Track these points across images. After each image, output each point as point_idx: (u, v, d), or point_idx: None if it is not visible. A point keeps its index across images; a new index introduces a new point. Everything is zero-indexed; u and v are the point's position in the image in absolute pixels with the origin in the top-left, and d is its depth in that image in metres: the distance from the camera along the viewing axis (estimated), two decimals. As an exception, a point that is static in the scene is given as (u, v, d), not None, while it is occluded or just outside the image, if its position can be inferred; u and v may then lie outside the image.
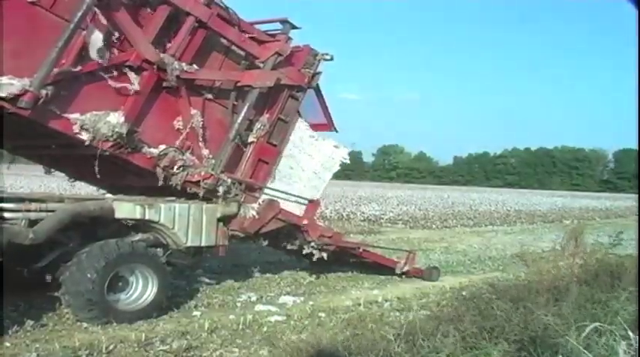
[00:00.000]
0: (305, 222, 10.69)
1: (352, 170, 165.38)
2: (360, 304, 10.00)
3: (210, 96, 9.49)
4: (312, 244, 10.87)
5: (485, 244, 20.30)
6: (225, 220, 9.73)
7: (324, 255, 11.05)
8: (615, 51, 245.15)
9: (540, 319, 6.72)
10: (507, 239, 22.28)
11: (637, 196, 31.22)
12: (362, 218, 26.32)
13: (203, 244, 9.44)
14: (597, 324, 5.84)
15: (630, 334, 5.41)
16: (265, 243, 10.76)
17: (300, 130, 10.70)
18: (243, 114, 9.62)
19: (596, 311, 7.63)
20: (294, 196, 10.54)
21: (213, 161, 9.41)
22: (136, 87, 8.54)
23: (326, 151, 11.06)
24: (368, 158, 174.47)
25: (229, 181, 9.54)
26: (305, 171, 10.96)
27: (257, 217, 9.94)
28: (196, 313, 9.00)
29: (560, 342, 5.56)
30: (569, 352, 5.19)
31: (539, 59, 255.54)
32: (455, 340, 5.93)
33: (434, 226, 26.48)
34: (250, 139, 9.92)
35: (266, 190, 10.16)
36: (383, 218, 27.33)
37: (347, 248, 11.68)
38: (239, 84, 9.68)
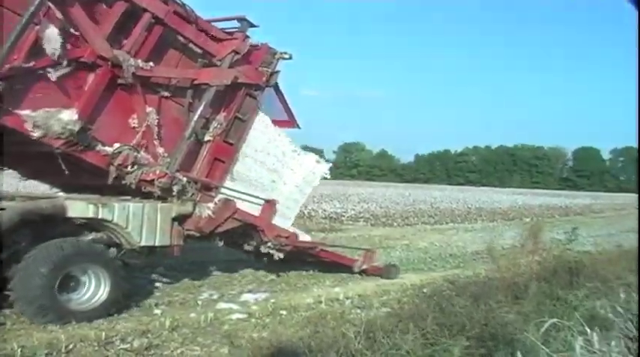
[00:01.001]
0: (261, 222, 10.66)
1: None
2: (321, 302, 10.05)
3: (166, 94, 9.42)
4: (269, 244, 10.84)
5: (446, 242, 20.47)
6: (181, 219, 9.62)
7: (281, 255, 11.04)
8: (576, 49, 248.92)
9: (500, 315, 6.86)
10: (468, 237, 22.53)
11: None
12: (323, 216, 26.37)
13: (157, 243, 9.30)
14: (555, 320, 5.96)
15: (587, 329, 5.54)
16: (221, 243, 10.68)
17: (283, 143, 11.03)
18: (199, 112, 9.59)
19: (554, 307, 7.81)
20: (251, 196, 10.51)
21: (169, 160, 9.32)
22: (90, 84, 8.43)
23: (308, 166, 11.46)
24: (329, 156, 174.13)
25: (184, 180, 9.47)
26: (287, 185, 11.19)
27: (213, 216, 9.87)
28: (157, 311, 8.96)
29: (519, 338, 5.67)
30: (528, 348, 5.30)
31: (499, 58, 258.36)
32: (415, 337, 6.00)
33: (395, 223, 26.64)
34: (206, 137, 9.89)
35: (222, 190, 10.14)
36: (344, 216, 27.42)
37: (304, 248, 11.66)
38: (196, 82, 9.65)
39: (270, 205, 10.76)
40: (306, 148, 12.15)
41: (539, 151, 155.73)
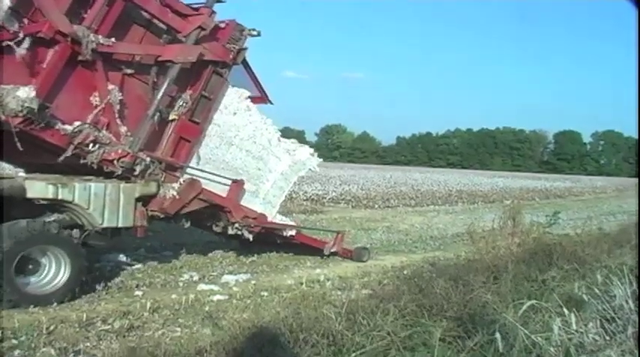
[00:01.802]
0: (228, 203, 10.56)
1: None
2: (302, 283, 10.13)
3: (129, 71, 9.21)
4: (236, 225, 10.74)
5: (427, 224, 20.62)
6: (144, 200, 9.48)
7: (250, 236, 11.00)
8: (558, 34, 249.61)
9: (479, 297, 6.95)
10: (449, 219, 22.68)
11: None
12: (304, 198, 26.39)
13: (120, 225, 9.11)
14: (534, 301, 6.07)
15: (565, 310, 5.65)
16: (188, 224, 10.58)
17: (268, 131, 11.10)
18: (163, 90, 9.39)
19: (532, 289, 7.93)
20: (218, 176, 10.41)
21: (132, 139, 9.14)
22: (49, 60, 8.22)
23: (301, 157, 11.65)
24: (311, 138, 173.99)
25: (148, 159, 9.32)
26: (272, 172, 11.25)
27: (177, 197, 9.75)
28: (138, 292, 8.98)
29: (498, 319, 5.75)
30: (507, 329, 5.38)
31: (482, 43, 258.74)
32: (395, 318, 6.06)
33: (376, 205, 26.74)
34: (171, 116, 9.72)
35: (188, 170, 10.04)
36: (325, 198, 27.49)
37: (273, 230, 11.57)
38: (160, 59, 9.45)
39: (237, 185, 10.64)
40: (287, 130, 12.27)
41: (521, 134, 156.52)
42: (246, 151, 10.86)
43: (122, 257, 10.77)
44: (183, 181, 9.90)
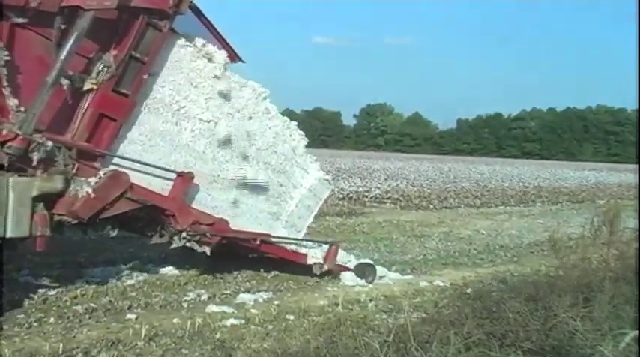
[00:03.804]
0: (170, 204, 10.00)
1: (329, 136, 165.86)
2: (338, 304, 10.08)
3: (21, 20, 8.44)
4: (184, 234, 10.23)
5: (496, 230, 20.53)
6: (47, 200, 8.67)
7: (206, 249, 10.58)
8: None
9: (565, 323, 6.83)
10: (524, 223, 22.53)
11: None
12: (341, 196, 26.38)
13: (9, 234, 8.23)
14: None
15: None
16: (114, 233, 10.21)
17: (292, 138, 11.19)
18: (69, 47, 8.55)
19: (637, 315, 7.77)
20: (157, 167, 9.86)
21: (24, 116, 8.37)
22: None
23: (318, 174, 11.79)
24: (349, 121, 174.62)
25: (50, 144, 8.54)
26: (297, 188, 11.41)
27: (93, 196, 9.02)
28: (131, 315, 8.96)
29: (591, 353, 5.66)
30: (602, 366, 5.29)
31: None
32: (457, 349, 6.00)
33: (431, 206, 26.69)
34: (87, 85, 8.96)
35: (115, 160, 9.47)
36: (367, 196, 27.48)
37: (238, 240, 11.05)
38: (64, 4, 8.63)
39: (183, 180, 10.03)
40: (318, 111, 12.22)
41: (620, 115, 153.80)
42: (264, 164, 10.94)
43: (110, 271, 10.84)
44: (104, 174, 9.22)
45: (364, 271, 12.32)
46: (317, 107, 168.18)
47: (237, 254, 11.78)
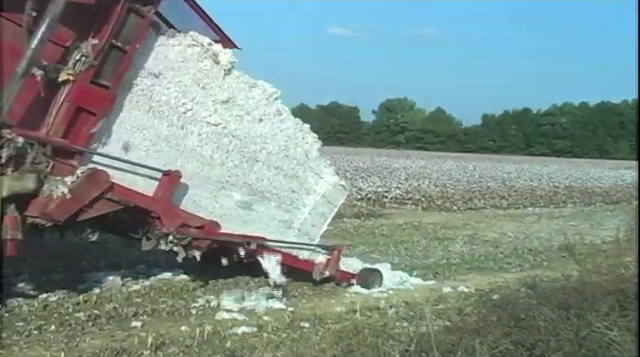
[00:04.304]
0: (155, 205, 9.79)
1: (346, 132, 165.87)
2: (356, 311, 10.09)
3: None
4: (171, 237, 10.00)
5: (524, 232, 20.50)
6: (18, 200, 8.46)
7: (196, 254, 10.39)
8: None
9: (600, 333, 6.79)
10: (554, 226, 22.45)
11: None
12: (359, 197, 26.35)
13: None
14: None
15: None
16: (94, 237, 10.01)
17: (305, 141, 11.18)
18: (41, 34, 8.28)
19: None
20: (140, 165, 9.65)
21: None
22: None
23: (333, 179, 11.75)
24: (367, 117, 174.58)
25: (21, 141, 8.30)
26: (311, 195, 11.41)
27: (69, 196, 8.75)
28: (136, 323, 8.96)
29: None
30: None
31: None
32: (483, 360, 5.99)
33: (455, 207, 26.71)
34: (63, 76, 8.69)
35: (94, 157, 9.21)
36: (387, 197, 27.44)
37: (231, 244, 10.83)
38: None
39: (170, 179, 9.81)
40: (334, 106, 12.21)
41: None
42: (275, 169, 10.94)
43: (114, 276, 10.86)
44: (82, 172, 8.95)
45: (368, 278, 12.16)
46: (333, 102, 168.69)
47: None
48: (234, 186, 10.53)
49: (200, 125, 10.12)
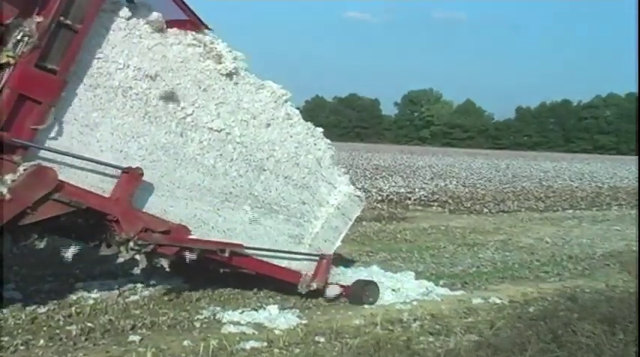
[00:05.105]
0: (112, 207, 9.46)
1: (365, 127, 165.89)
2: (376, 324, 10.07)
3: None
4: (132, 243, 9.68)
5: (563, 238, 20.45)
6: None
7: (164, 263, 10.19)
8: None
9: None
10: (597, 230, 22.43)
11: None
12: (379, 198, 26.40)
13: None
14: None
15: None
16: (42, 244, 9.48)
17: (318, 147, 11.20)
18: None
19: None
20: (96, 161, 9.25)
21: None
22: None
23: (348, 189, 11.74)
24: (388, 110, 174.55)
25: None
26: (324, 206, 11.41)
27: (9, 197, 8.47)
28: (134, 337, 8.97)
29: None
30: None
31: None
32: (519, 379, 5.99)
33: (485, 210, 26.71)
34: (2, 59, 8.42)
35: (40, 152, 8.86)
36: (410, 198, 27.49)
37: (203, 251, 10.47)
38: None
39: (130, 178, 9.47)
40: (352, 99, 12.20)
41: None
42: (284, 179, 10.93)
43: (110, 285, 10.88)
44: (25, 170, 8.64)
45: (362, 292, 11.81)
46: (352, 94, 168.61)
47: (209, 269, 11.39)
48: (239, 198, 10.49)
49: (201, 131, 10.05)
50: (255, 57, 10.73)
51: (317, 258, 11.55)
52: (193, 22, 10.27)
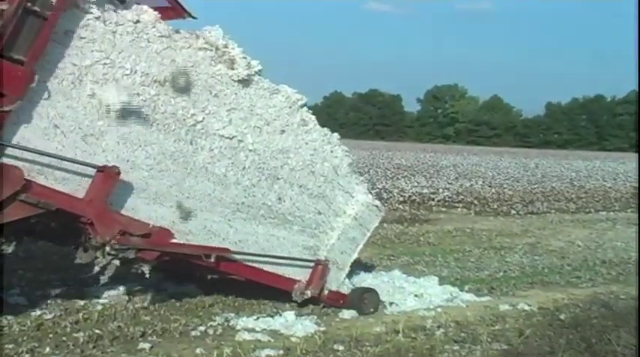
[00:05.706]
0: (86, 208, 9.16)
1: (386, 125, 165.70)
2: (398, 332, 10.04)
3: None
4: (108, 248, 9.39)
5: (596, 241, 20.41)
6: None
7: (145, 269, 9.96)
8: None
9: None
10: (632, 233, 22.28)
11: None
12: (401, 199, 26.40)
13: None
14: None
15: None
16: (10, 249, 9.29)
17: (334, 155, 11.15)
18: None
19: None
20: (68, 160, 8.99)
21: None
22: None
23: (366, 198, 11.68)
24: (411, 106, 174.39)
25: None
26: (340, 217, 11.39)
27: None
28: (144, 345, 8.99)
29: None
30: None
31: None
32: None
33: (513, 211, 26.69)
34: None
35: (9, 151, 8.55)
36: (433, 199, 27.50)
37: (187, 257, 10.32)
38: None
39: (105, 176, 9.20)
40: (373, 95, 12.19)
41: None
42: (299, 188, 10.92)
43: (119, 290, 10.91)
44: None
45: (360, 300, 11.70)
46: (372, 90, 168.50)
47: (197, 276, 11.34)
48: (252, 208, 10.47)
49: (212, 139, 10.03)
50: (269, 50, 10.70)
51: (312, 264, 11.40)
52: (175, 9, 10.25)
